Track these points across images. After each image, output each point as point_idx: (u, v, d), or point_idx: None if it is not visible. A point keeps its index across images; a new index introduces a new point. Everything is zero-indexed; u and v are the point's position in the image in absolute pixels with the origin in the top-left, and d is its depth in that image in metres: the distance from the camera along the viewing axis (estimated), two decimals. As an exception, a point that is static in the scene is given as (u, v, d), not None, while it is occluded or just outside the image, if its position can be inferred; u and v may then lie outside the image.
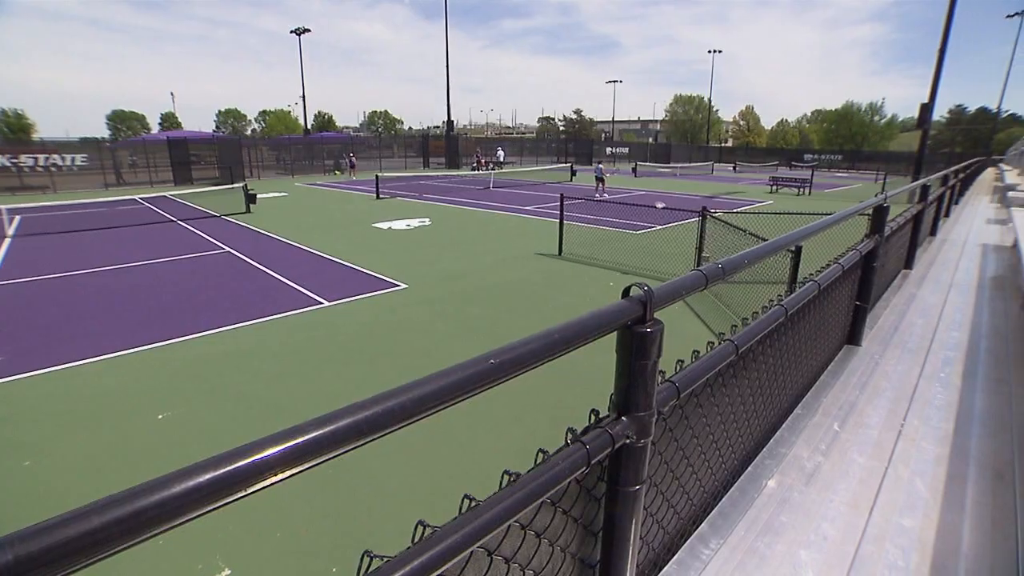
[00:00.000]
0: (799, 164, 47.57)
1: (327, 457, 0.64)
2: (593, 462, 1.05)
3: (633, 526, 1.28)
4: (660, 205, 12.57)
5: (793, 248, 6.20)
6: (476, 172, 34.11)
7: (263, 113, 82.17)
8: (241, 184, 18.70)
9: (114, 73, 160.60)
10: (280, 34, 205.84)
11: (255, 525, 3.52)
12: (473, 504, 0.92)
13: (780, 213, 9.62)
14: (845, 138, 68.92)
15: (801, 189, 27.45)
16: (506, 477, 0.99)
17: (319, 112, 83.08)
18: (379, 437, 0.72)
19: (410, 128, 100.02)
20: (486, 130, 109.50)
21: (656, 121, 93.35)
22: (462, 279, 9.58)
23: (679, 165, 44.77)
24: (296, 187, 27.13)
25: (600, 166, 24.15)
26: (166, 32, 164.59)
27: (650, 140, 77.36)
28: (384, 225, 15.24)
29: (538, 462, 1.04)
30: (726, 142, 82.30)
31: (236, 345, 6.45)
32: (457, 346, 6.49)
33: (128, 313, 7.61)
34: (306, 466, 0.62)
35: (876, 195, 3.44)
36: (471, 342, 6.65)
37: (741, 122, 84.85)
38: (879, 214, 3.36)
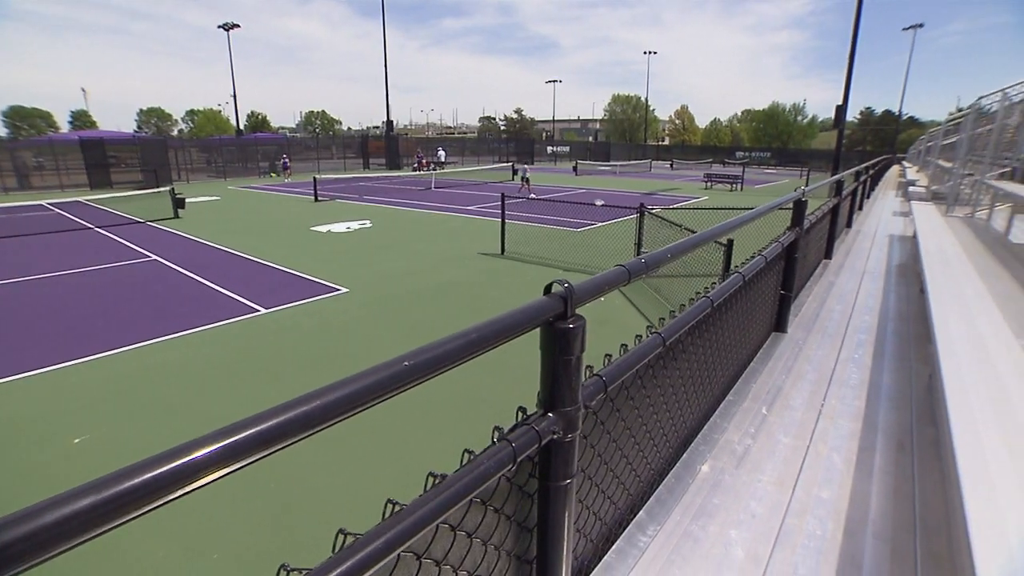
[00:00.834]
0: (731, 161, 49.88)
1: (218, 475, 0.61)
2: (520, 459, 1.06)
3: (566, 519, 1.30)
4: (599, 203, 12.86)
5: (725, 241, 6.49)
6: (417, 173, 33.70)
7: (191, 112, 77.91)
8: (168, 188, 17.65)
9: (9, 64, 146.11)
10: (208, 29, 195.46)
11: (169, 538, 3.34)
12: (396, 508, 0.91)
13: (714, 208, 10.05)
14: (772, 136, 72.82)
15: (733, 185, 28.76)
16: (431, 479, 0.98)
17: (252, 112, 79.69)
18: (285, 447, 0.69)
19: (349, 128, 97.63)
20: (427, 130, 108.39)
21: (595, 120, 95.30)
22: (404, 280, 9.45)
23: (619, 163, 45.91)
24: (229, 190, 25.91)
25: (524, 167, 24.75)
26: (74, 21, 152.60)
27: (590, 139, 78.90)
28: (323, 228, 14.81)
29: (464, 463, 1.03)
30: (663, 141, 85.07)
31: (164, 359, 6.09)
32: (399, 350, 6.35)
33: (39, 329, 7.03)
34: (196, 485, 0.59)
35: (795, 190, 3.65)
36: (413, 345, 6.56)
37: (677, 121, 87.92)
38: (798, 208, 3.56)
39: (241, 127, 49.76)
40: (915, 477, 2.21)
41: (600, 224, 14.56)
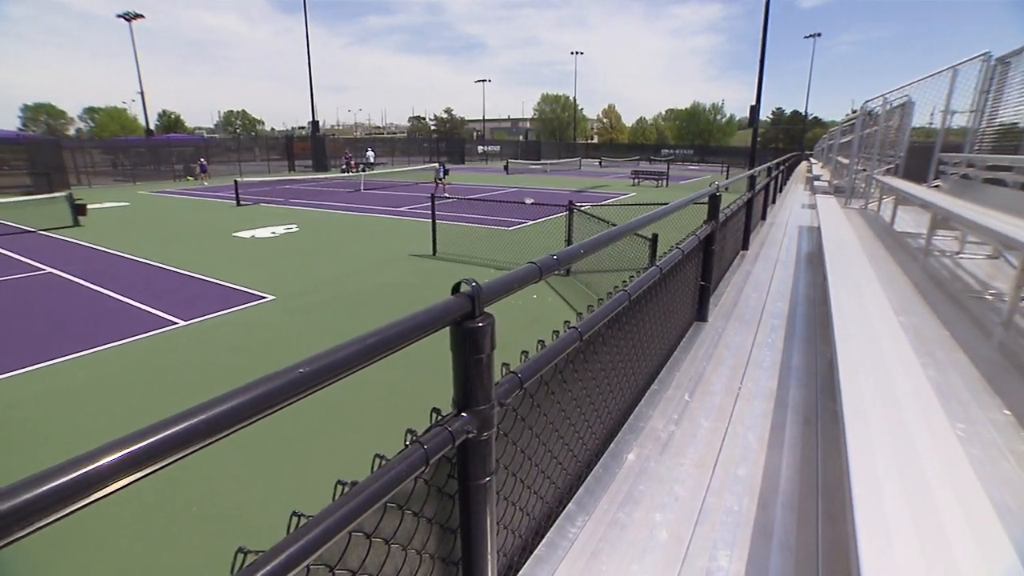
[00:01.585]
0: (657, 159, 51.86)
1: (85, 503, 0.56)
2: (432, 461, 1.04)
3: (488, 517, 1.30)
4: (529, 201, 13.02)
5: (650, 236, 6.73)
6: (346, 174, 32.76)
7: (90, 110, 71.87)
8: (64, 193, 16.18)
9: None
10: (105, 18, 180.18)
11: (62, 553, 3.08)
12: (301, 521, 0.87)
13: (640, 204, 10.40)
14: (695, 134, 76.44)
15: (660, 182, 29.92)
16: (339, 487, 0.95)
17: (164, 111, 74.68)
18: (164, 467, 0.64)
19: (272, 129, 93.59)
20: (355, 130, 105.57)
21: (526, 119, 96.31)
22: (333, 285, 9.16)
23: (549, 162, 46.63)
24: (140, 196, 24.11)
25: (440, 166, 24.82)
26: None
27: (521, 138, 79.66)
28: (246, 234, 14.09)
29: (375, 468, 1.01)
30: (592, 139, 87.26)
31: (61, 383, 5.58)
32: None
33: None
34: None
35: (710, 185, 3.83)
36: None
37: (604, 120, 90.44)
38: (713, 202, 3.74)
39: (151, 127, 46.43)
40: (819, 447, 2.38)
41: (532, 222, 14.72)
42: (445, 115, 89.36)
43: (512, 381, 1.29)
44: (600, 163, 52.86)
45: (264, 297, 8.48)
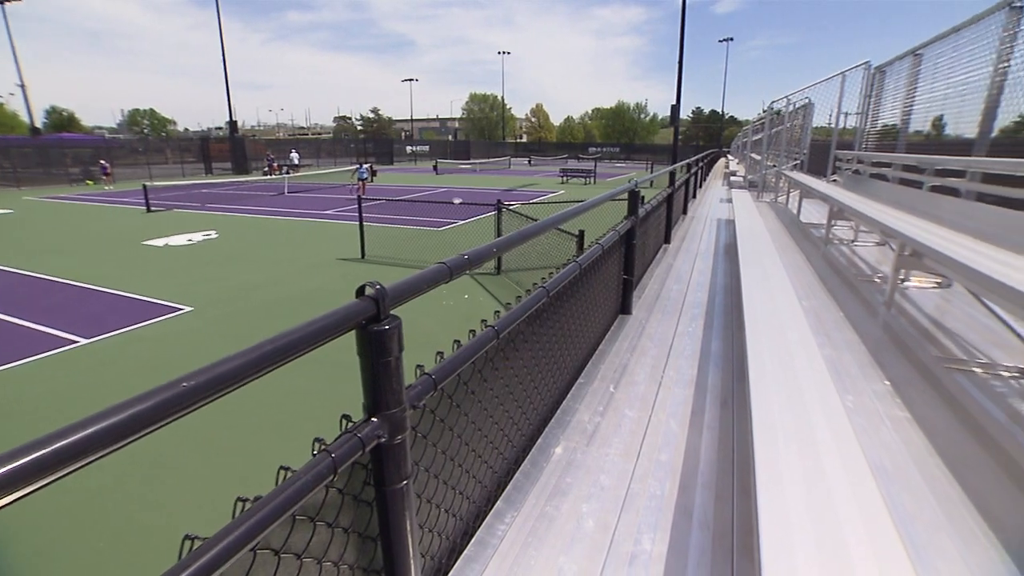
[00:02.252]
0: (585, 156, 53.12)
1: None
2: (341, 469, 1.01)
3: (408, 522, 1.28)
4: (457, 201, 13.02)
5: (577, 232, 6.87)
6: (269, 177, 31.33)
7: (-47, 105, 64.08)
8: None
9: None
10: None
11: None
12: (195, 544, 0.82)
13: (565, 202, 10.60)
14: (620, 133, 78.96)
15: (587, 179, 30.66)
16: (239, 504, 0.90)
17: (54, 107, 68.17)
18: (16, 500, 0.58)
19: (186, 129, 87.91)
20: (277, 131, 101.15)
21: (454, 119, 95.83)
22: (257, 293, 8.74)
23: (479, 161, 46.69)
24: (27, 202, 21.92)
25: (362, 166, 24.41)
26: None
27: (450, 137, 79.28)
28: (159, 242, 13.16)
29: (280, 481, 0.97)
30: (521, 138, 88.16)
31: (-56, 411, 4.99)
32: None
33: None
34: None
35: (629, 181, 3.96)
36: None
37: (533, 119, 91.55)
38: (633, 198, 3.87)
39: (38, 125, 42.29)
40: (734, 427, 2.52)
41: (462, 222, 14.69)
42: (372, 115, 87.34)
43: (426, 383, 1.28)
44: (529, 162, 53.58)
45: (181, 308, 7.97)
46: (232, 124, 39.10)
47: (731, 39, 63.63)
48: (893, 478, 1.91)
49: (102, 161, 28.92)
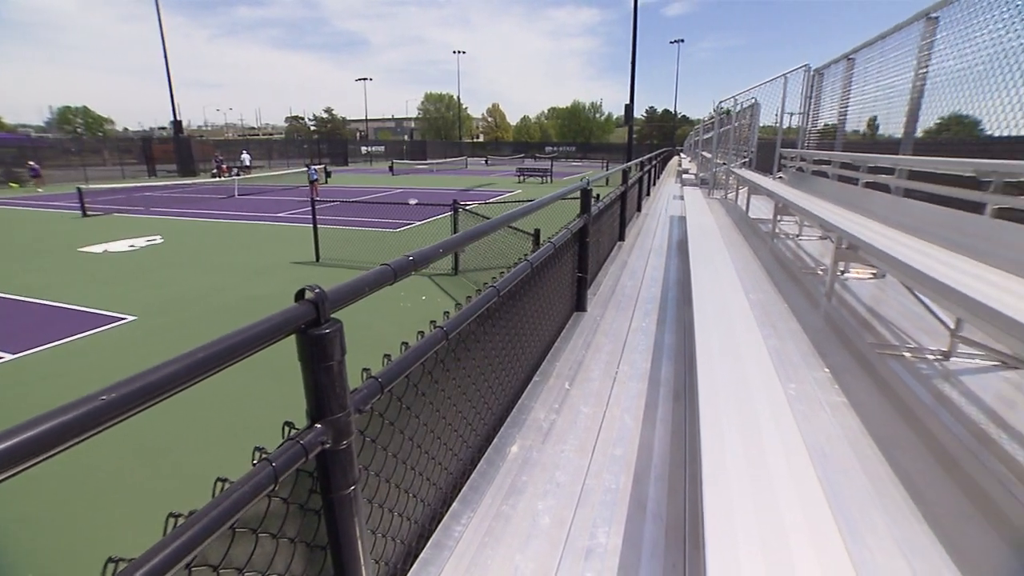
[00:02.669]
0: (542, 156, 53.49)
1: None
2: (282, 478, 0.99)
3: (357, 528, 1.26)
4: (413, 201, 12.92)
5: (532, 231, 6.91)
6: (218, 179, 30.23)
7: None
8: None
9: None
10: None
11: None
12: (119, 567, 0.78)
13: (522, 201, 10.66)
14: (576, 132, 79.95)
15: (544, 178, 30.89)
16: (171, 520, 0.86)
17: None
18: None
19: (125, 129, 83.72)
20: (226, 131, 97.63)
21: (410, 119, 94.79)
22: (206, 300, 8.42)
23: (435, 161, 46.40)
24: (-52, 209, 20.45)
25: (312, 168, 23.96)
26: None
27: (406, 138, 78.46)
28: (97, 248, 12.50)
29: (218, 492, 0.93)
30: (477, 138, 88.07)
31: None
32: (202, 385, 5.67)
33: None
34: None
35: (581, 180, 4.01)
36: (219, 378, 5.88)
37: (489, 119, 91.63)
38: (585, 196, 3.92)
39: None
40: (686, 419, 2.59)
41: (419, 223, 14.57)
42: (326, 115, 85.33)
43: (372, 387, 1.26)
44: (486, 161, 53.62)
45: (123, 318, 7.59)
46: (176, 124, 37.46)
47: (682, 41, 65.56)
48: (830, 460, 2.01)
49: (30, 162, 27.22)
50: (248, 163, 37.57)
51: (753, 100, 12.36)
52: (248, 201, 21.83)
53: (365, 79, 78.68)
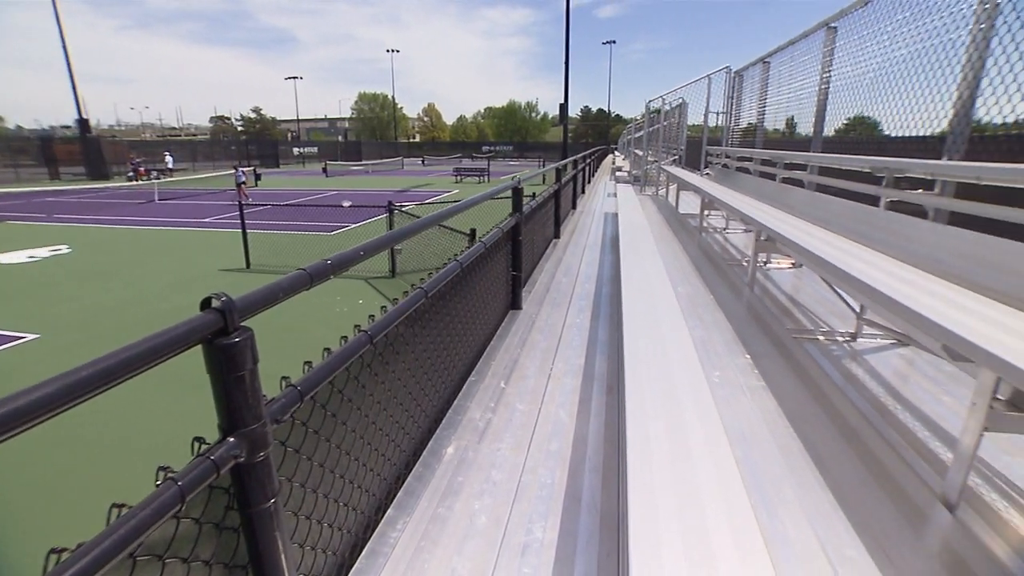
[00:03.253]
0: (479, 155, 53.50)
1: None
2: (190, 497, 0.94)
3: (280, 543, 1.21)
4: (347, 203, 12.61)
5: (468, 231, 6.90)
6: (136, 183, 28.28)
7: None
8: None
9: None
10: None
11: None
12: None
13: (455, 201, 10.62)
14: (513, 131, 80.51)
15: (481, 178, 30.92)
16: (53, 557, 0.80)
17: None
18: None
19: (19, 127, 76.64)
20: (143, 131, 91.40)
21: (344, 119, 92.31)
22: (120, 315, 7.86)
23: (371, 162, 45.44)
24: None
25: (240, 171, 23.11)
26: None
27: (340, 138, 76.37)
28: (-9, 260, 11.40)
29: (112, 519, 0.87)
30: (414, 138, 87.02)
31: None
32: (109, 409, 5.29)
33: None
34: None
35: (512, 179, 4.04)
36: (127, 400, 5.51)
37: (425, 118, 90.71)
38: (516, 195, 3.95)
39: None
40: (618, 411, 2.66)
41: (354, 225, 14.23)
42: (254, 115, 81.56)
43: (291, 395, 1.22)
44: (423, 162, 53.12)
45: (23, 337, 6.95)
46: (83, 122, 34.68)
47: (614, 42, 67.51)
48: (749, 441, 2.13)
49: None
50: (171, 165, 35.40)
51: (681, 100, 12.89)
52: (171, 206, 20.55)
53: (295, 78, 76.02)
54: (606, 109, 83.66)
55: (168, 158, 35.61)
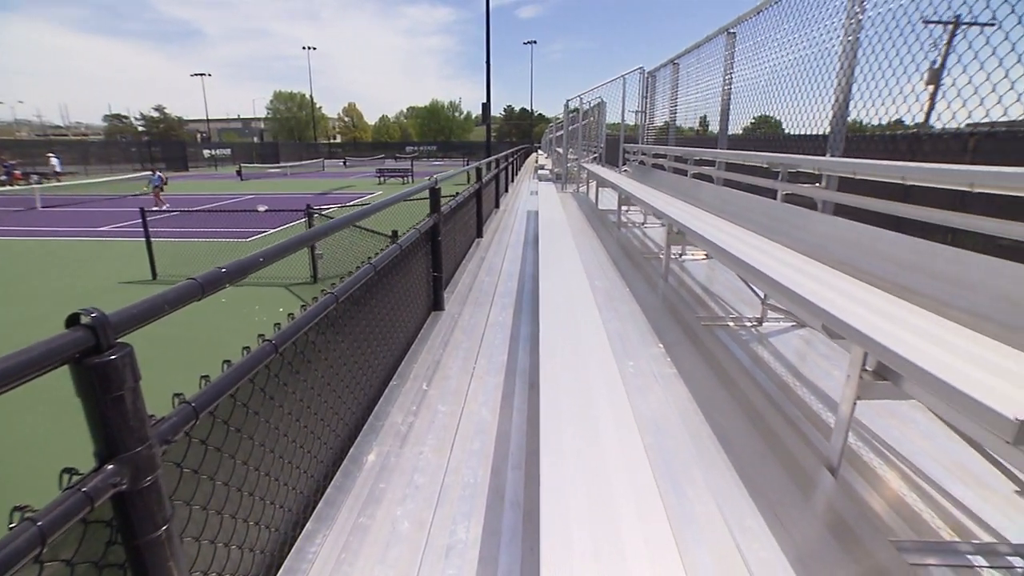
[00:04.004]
0: (402, 156, 52.59)
1: None
2: (52, 539, 0.86)
3: (176, 573, 1.14)
4: (263, 208, 12.03)
5: (390, 233, 6.78)
6: (10, 188, 25.43)
7: None
8: None
9: None
10: None
11: None
12: None
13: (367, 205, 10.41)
14: (437, 131, 79.79)
15: (405, 178, 30.44)
16: None
17: None
18: None
19: None
20: (17, 130, 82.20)
21: (260, 119, 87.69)
22: (2, 338, 7.07)
23: (289, 164, 43.53)
24: None
25: (158, 174, 21.73)
26: None
27: (255, 139, 72.55)
28: None
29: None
30: (335, 138, 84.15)
31: None
32: None
33: None
34: None
35: (428, 179, 4.01)
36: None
37: (346, 118, 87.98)
38: (434, 195, 3.92)
39: None
40: (538, 405, 2.71)
41: (273, 231, 13.59)
42: (157, 114, 75.49)
43: (184, 413, 1.15)
44: (345, 163, 51.56)
45: None
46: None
47: (535, 42, 68.43)
48: (661, 427, 2.24)
49: None
50: (59, 169, 32.18)
51: (599, 99, 13.28)
52: (59, 214, 18.70)
53: (203, 75, 71.10)
54: (529, 108, 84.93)
55: (54, 160, 32.33)
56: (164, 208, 18.72)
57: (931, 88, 3.63)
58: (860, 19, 3.89)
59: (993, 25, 2.94)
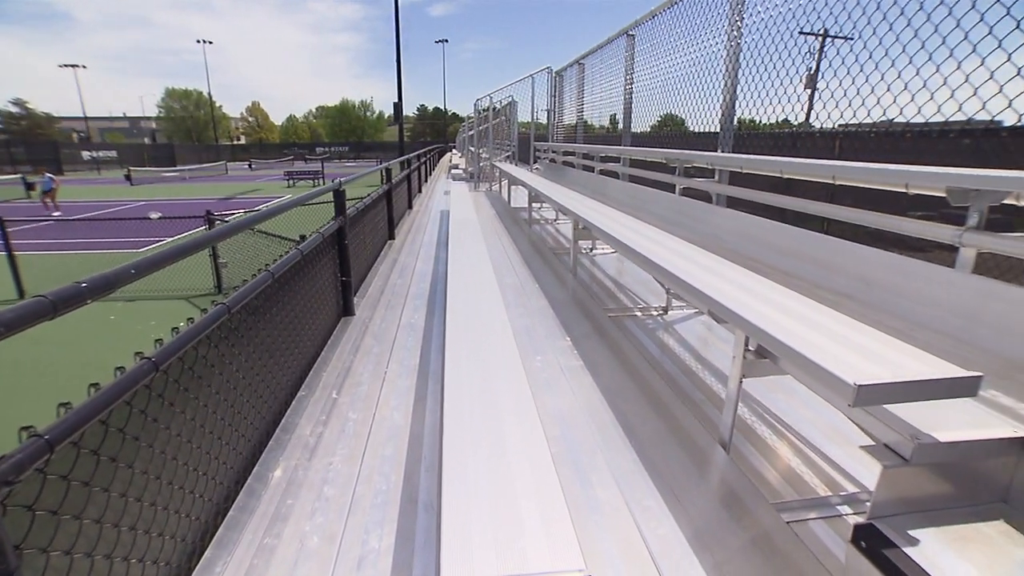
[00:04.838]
0: (313, 157, 50.46)
1: None
2: None
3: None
4: (155, 215, 11.13)
5: (297, 239, 6.49)
6: None
7: None
8: None
9: None
10: None
11: None
12: None
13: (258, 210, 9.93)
14: (348, 131, 77.13)
15: (315, 181, 29.24)
16: None
17: None
18: None
19: None
20: None
21: (151, 118, 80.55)
22: None
23: (188, 167, 40.46)
24: None
25: (48, 177, 19.73)
26: None
27: (146, 140, 66.61)
28: None
29: None
30: (238, 140, 79.07)
31: None
32: None
33: None
34: None
35: (333, 181, 3.88)
36: None
37: (251, 118, 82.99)
38: (339, 198, 3.80)
39: None
40: (442, 403, 2.72)
41: (168, 239, 12.56)
42: (17, 109, 67.13)
43: (34, 448, 1.04)
44: (250, 165, 48.62)
45: None
46: None
47: (446, 41, 68.04)
48: (566, 418, 2.31)
49: None
50: None
51: (511, 98, 13.43)
52: None
53: (75, 66, 64.15)
54: (443, 107, 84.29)
55: None
56: (55, 215, 16.95)
57: (809, 91, 4.00)
58: (740, 26, 4.20)
59: (852, 39, 3.29)
